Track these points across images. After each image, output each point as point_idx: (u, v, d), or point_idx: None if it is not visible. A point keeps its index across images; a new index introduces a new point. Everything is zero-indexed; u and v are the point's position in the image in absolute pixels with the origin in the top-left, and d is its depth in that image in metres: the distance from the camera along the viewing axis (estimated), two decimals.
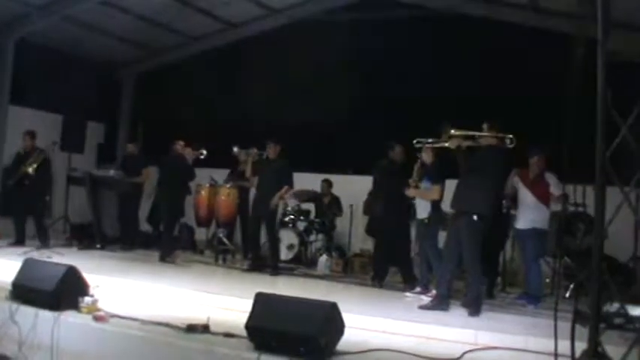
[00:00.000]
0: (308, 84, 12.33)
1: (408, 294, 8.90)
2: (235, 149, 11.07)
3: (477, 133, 7.71)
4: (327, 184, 12.66)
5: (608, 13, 4.05)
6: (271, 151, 10.50)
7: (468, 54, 11.59)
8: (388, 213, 9.58)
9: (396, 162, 9.72)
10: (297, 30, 13.35)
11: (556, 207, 8.69)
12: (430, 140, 8.45)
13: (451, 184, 8.19)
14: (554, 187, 8.59)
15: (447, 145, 7.78)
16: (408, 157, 9.51)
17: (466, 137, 7.68)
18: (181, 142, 11.09)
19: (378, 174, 9.91)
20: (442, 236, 8.45)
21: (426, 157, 8.71)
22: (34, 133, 11.36)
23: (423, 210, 8.85)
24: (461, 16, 11.79)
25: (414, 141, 8.68)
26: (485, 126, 7.76)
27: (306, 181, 12.70)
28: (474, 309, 7.46)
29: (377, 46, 12.54)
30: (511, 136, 7.53)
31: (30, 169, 10.96)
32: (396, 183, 9.43)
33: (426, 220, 8.74)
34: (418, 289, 8.94)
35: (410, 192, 8.93)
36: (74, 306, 6.13)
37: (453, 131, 7.59)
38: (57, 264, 6.81)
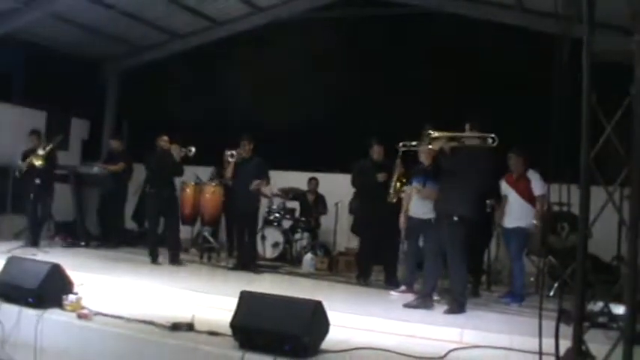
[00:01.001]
0: (293, 81, 12.33)
1: (392, 292, 8.91)
2: (228, 153, 10.56)
3: (458, 134, 7.72)
4: (314, 182, 12.66)
5: (593, 13, 4.07)
6: (246, 148, 10.39)
7: (452, 53, 11.59)
8: (374, 212, 9.58)
9: (375, 160, 9.74)
10: (282, 27, 13.34)
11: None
12: (414, 143, 8.47)
13: None
14: (535, 187, 8.64)
15: (430, 147, 7.77)
16: (386, 156, 9.63)
17: (450, 139, 7.68)
18: (165, 138, 10.91)
19: (357, 173, 9.93)
20: None
21: (425, 158, 8.68)
22: (39, 133, 11.46)
23: (426, 210, 8.70)
24: (445, 15, 11.82)
25: (400, 144, 8.72)
26: (466, 126, 7.79)
27: (292, 179, 12.71)
28: (455, 307, 7.50)
29: (361, 43, 12.56)
30: (493, 135, 7.54)
31: (38, 162, 10.90)
32: (376, 181, 9.47)
33: (433, 220, 8.62)
34: (403, 287, 8.95)
35: (421, 193, 8.78)
36: (58, 304, 6.10)
37: (431, 133, 7.59)
38: (41, 262, 6.78)
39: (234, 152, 10.27)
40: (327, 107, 12.11)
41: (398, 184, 9.21)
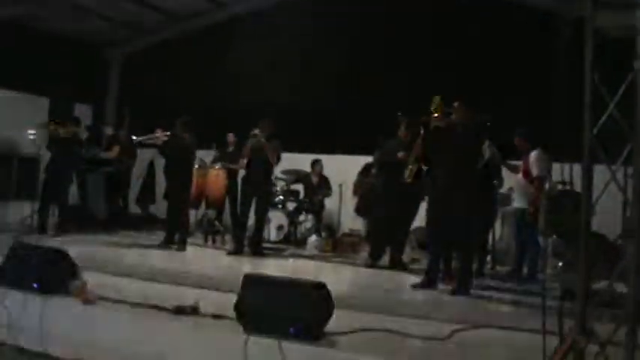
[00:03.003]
0: (296, 62, 12.30)
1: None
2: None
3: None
4: (318, 164, 12.64)
5: None
6: (266, 129, 10.10)
7: (454, 30, 11.54)
8: (391, 190, 9.46)
9: (399, 138, 9.57)
10: (284, 8, 13.27)
11: (546, 186, 8.72)
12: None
13: None
14: (532, 168, 8.63)
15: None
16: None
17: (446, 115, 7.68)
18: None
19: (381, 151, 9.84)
20: None
21: None
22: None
23: None
24: None
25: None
26: (455, 105, 7.76)
27: (296, 161, 12.71)
28: (462, 288, 7.49)
29: (362, 23, 12.49)
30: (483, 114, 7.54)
31: (58, 129, 11.03)
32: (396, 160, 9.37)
33: None
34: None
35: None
36: (63, 289, 6.10)
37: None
38: (45, 248, 6.77)
39: (257, 132, 10.01)
40: (330, 89, 12.08)
41: (412, 167, 9.05)
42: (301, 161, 12.77)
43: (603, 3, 4.28)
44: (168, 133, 10.39)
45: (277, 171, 12.15)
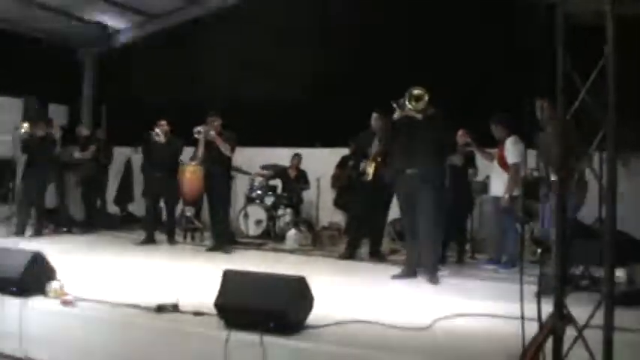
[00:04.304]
0: (272, 58, 12.27)
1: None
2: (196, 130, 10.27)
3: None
4: (297, 158, 12.63)
5: None
6: (215, 125, 10.15)
7: (428, 23, 11.55)
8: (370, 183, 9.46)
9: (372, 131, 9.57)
10: (257, 3, 13.21)
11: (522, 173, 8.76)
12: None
13: None
14: (507, 155, 8.67)
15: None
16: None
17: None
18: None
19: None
20: None
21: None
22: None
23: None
24: None
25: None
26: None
27: (274, 155, 12.71)
28: (435, 276, 7.56)
29: (340, 18, 12.46)
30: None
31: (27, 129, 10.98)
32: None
33: None
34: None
35: None
36: (41, 291, 6.06)
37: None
38: (22, 250, 6.72)
39: (200, 129, 10.07)
40: (305, 82, 12.06)
41: (372, 164, 9.17)
42: (279, 155, 12.77)
43: None
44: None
45: (256, 166, 12.19)
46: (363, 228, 9.77)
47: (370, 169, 9.22)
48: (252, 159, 12.65)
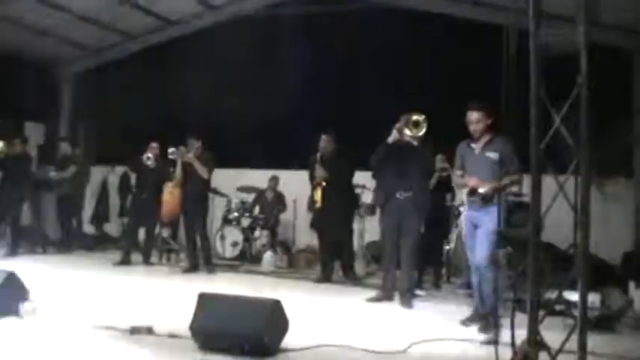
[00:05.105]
0: (251, 79, 12.29)
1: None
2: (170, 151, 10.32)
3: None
4: (274, 180, 12.62)
5: (539, 5, 4.10)
6: (195, 147, 10.18)
7: (404, 47, 11.64)
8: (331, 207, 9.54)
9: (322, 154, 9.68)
10: (236, 25, 13.25)
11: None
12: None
13: None
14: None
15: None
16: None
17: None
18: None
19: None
20: None
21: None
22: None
23: None
24: (398, 10, 11.92)
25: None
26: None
27: (252, 177, 12.69)
28: (408, 300, 7.58)
29: (315, 40, 12.52)
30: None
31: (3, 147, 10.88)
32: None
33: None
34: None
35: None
36: (14, 312, 6.00)
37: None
38: None
39: (174, 150, 10.10)
40: (283, 104, 12.09)
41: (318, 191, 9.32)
42: (257, 177, 12.76)
43: (553, 18, 4.37)
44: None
45: (234, 187, 12.18)
46: (333, 250, 9.78)
47: (317, 196, 9.28)
48: (230, 180, 12.62)
